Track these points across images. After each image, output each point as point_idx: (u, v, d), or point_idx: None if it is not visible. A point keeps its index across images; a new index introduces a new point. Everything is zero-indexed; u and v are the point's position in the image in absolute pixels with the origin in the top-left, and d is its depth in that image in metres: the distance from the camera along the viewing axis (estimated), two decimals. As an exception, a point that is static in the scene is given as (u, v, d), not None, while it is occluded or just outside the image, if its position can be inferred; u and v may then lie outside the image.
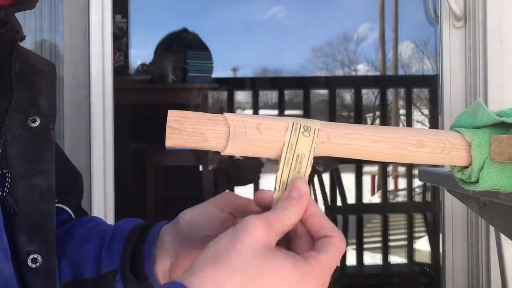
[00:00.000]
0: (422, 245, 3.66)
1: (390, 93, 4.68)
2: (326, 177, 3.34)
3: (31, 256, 0.63)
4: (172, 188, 2.99)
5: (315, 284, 0.48)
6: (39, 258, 0.63)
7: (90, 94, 1.52)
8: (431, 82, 3.07)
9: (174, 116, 0.53)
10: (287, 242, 0.52)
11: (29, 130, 0.65)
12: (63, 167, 0.79)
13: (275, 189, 0.53)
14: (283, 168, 0.53)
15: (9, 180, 0.63)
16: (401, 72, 5.29)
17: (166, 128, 0.52)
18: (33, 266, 0.63)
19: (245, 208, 0.61)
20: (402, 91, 4.15)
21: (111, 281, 0.70)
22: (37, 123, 0.66)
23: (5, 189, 0.62)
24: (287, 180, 0.53)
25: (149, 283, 0.45)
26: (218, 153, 0.55)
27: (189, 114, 0.53)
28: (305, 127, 0.53)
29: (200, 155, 2.89)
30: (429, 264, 3.29)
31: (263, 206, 0.54)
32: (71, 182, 0.80)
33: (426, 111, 4.58)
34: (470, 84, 1.64)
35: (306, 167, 0.53)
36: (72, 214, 0.79)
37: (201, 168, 2.92)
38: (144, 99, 3.02)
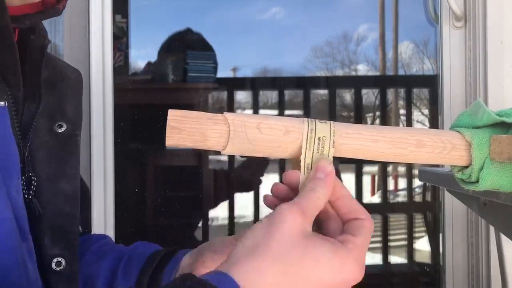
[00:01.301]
0: (422, 245, 3.66)
1: (390, 93, 4.68)
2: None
3: (55, 259, 0.64)
4: (172, 188, 2.99)
5: (355, 268, 0.48)
6: (63, 262, 0.64)
7: (90, 94, 1.52)
8: (431, 82, 3.07)
9: (174, 116, 0.53)
10: (317, 223, 0.53)
11: (56, 136, 0.67)
12: None
13: (301, 173, 0.54)
14: (305, 152, 0.53)
15: (35, 184, 0.64)
16: (401, 72, 5.29)
17: (166, 127, 0.52)
18: (57, 269, 0.64)
19: None
20: (402, 91, 4.15)
21: None
22: (63, 129, 0.67)
23: (31, 192, 0.63)
24: (312, 162, 0.54)
25: (188, 273, 0.44)
26: (218, 152, 0.55)
27: (189, 114, 0.53)
28: (320, 120, 0.55)
29: (200, 155, 2.89)
30: (429, 264, 3.29)
31: (291, 186, 0.54)
32: (81, 197, 0.81)
33: (426, 111, 4.58)
34: (470, 84, 1.64)
35: (329, 149, 0.54)
36: (80, 228, 0.79)
37: (201, 168, 2.92)
38: (145, 99, 3.02)
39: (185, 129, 0.53)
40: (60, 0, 0.68)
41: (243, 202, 3.17)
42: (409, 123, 3.62)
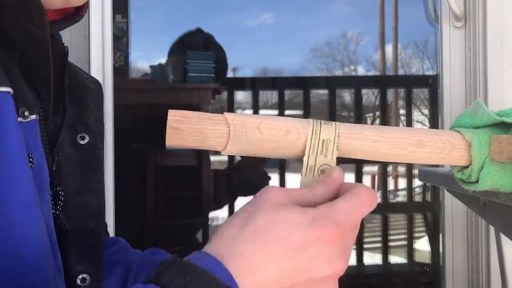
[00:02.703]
0: (422, 245, 3.66)
1: (390, 93, 4.68)
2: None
3: (81, 276, 0.63)
4: (172, 188, 2.99)
5: (328, 225, 0.47)
6: (88, 278, 0.63)
7: (90, 94, 1.52)
8: (431, 82, 3.07)
9: (174, 116, 0.53)
10: None
11: (79, 148, 0.65)
12: None
13: (302, 173, 0.54)
14: (309, 154, 0.53)
15: (62, 199, 0.63)
16: (401, 72, 5.29)
17: (166, 127, 0.52)
18: (82, 285, 0.63)
19: None
20: (402, 91, 4.15)
21: None
22: (86, 140, 0.66)
23: (58, 207, 0.62)
24: (315, 164, 0.53)
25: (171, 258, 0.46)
26: (218, 152, 0.55)
27: (189, 114, 0.53)
28: (325, 122, 0.54)
29: (200, 155, 2.89)
30: (429, 264, 3.29)
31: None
32: None
33: (426, 111, 4.58)
34: (470, 84, 1.64)
35: (332, 151, 0.54)
36: None
37: (201, 168, 2.92)
38: (145, 99, 3.02)
39: (185, 129, 0.53)
40: (81, 7, 0.67)
41: (243, 201, 3.16)
42: (409, 123, 3.63)
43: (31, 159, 0.53)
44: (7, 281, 0.49)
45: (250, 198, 0.52)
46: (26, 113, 0.55)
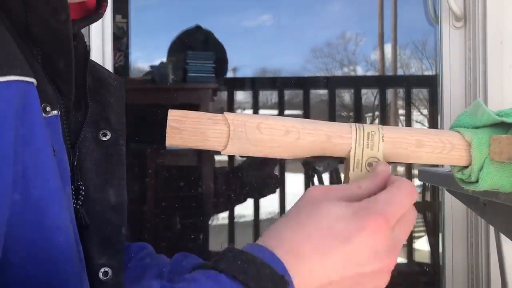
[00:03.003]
0: (422, 245, 3.66)
1: (390, 93, 4.68)
2: (326, 177, 3.34)
3: (103, 269, 0.64)
4: (172, 188, 2.99)
5: (372, 217, 0.47)
6: (110, 272, 0.64)
7: (90, 94, 1.52)
8: (431, 82, 3.07)
9: (174, 116, 0.53)
10: None
11: (101, 144, 0.66)
12: None
13: (350, 168, 0.54)
14: (355, 148, 0.53)
15: (83, 193, 0.63)
16: (400, 72, 5.29)
17: (167, 127, 0.53)
18: (104, 279, 0.64)
19: None
20: (402, 91, 4.15)
21: None
22: (108, 137, 0.67)
23: (79, 201, 0.63)
24: (362, 157, 0.54)
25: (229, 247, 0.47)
26: (218, 152, 0.55)
27: (189, 114, 0.54)
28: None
29: (201, 155, 2.89)
30: (429, 264, 3.29)
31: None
32: None
33: (425, 111, 4.59)
34: (470, 84, 1.64)
35: (378, 143, 0.54)
36: None
37: (201, 168, 2.92)
38: (145, 99, 3.02)
39: (185, 129, 0.53)
40: (100, 6, 0.68)
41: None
42: (408, 123, 3.63)
43: (54, 152, 0.54)
44: (39, 266, 0.50)
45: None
46: (48, 108, 0.56)
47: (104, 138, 0.67)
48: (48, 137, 0.52)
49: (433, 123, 3.39)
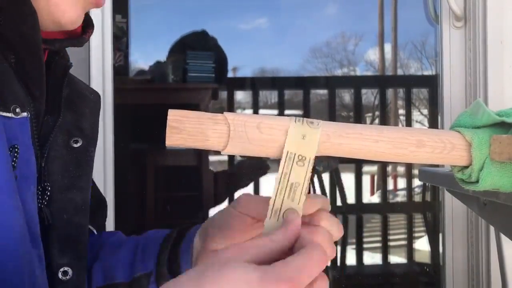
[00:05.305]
0: (422, 245, 3.66)
1: (390, 93, 4.68)
2: (326, 177, 3.35)
3: (62, 269, 0.65)
4: (172, 188, 2.99)
5: (280, 283, 0.44)
6: (70, 271, 0.65)
7: (90, 94, 1.52)
8: (431, 82, 3.07)
9: (174, 115, 0.53)
10: None
11: (71, 150, 0.70)
12: (93, 192, 0.83)
13: (267, 215, 0.52)
14: (275, 197, 0.51)
15: (48, 194, 0.66)
16: (399, 72, 5.29)
17: (167, 127, 0.52)
18: (63, 278, 0.65)
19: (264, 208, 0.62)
20: (401, 91, 4.15)
21: (144, 285, 0.73)
22: (79, 144, 0.70)
23: (44, 201, 0.65)
24: (281, 208, 0.52)
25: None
26: (218, 152, 0.55)
27: (189, 114, 0.53)
28: (299, 157, 0.52)
29: (200, 155, 2.89)
30: (429, 264, 3.29)
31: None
32: (97, 205, 0.85)
33: (425, 111, 4.59)
34: (470, 84, 1.64)
35: (300, 196, 0.52)
36: (95, 232, 0.84)
37: (201, 168, 2.92)
38: (145, 99, 3.02)
39: (185, 129, 0.53)
40: (86, 32, 0.73)
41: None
42: (408, 123, 3.63)
43: (16, 149, 0.57)
44: None
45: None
46: (18, 110, 0.60)
47: (75, 145, 0.70)
48: (2, 136, 0.56)
49: (433, 123, 3.39)
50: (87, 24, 0.73)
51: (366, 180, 5.26)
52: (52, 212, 0.65)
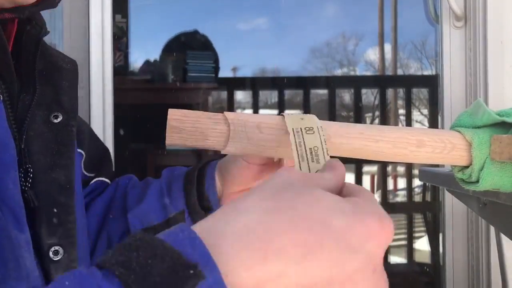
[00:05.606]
0: (422, 245, 3.66)
1: (390, 93, 4.68)
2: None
3: (53, 248, 0.65)
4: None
5: (375, 217, 0.37)
6: (60, 250, 0.65)
7: (90, 94, 1.52)
8: (431, 82, 3.07)
9: (174, 115, 0.53)
10: None
11: (52, 126, 0.67)
12: (94, 144, 0.86)
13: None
14: (299, 164, 0.47)
15: (31, 175, 0.64)
16: (399, 72, 5.29)
17: (167, 127, 0.52)
18: (55, 258, 0.65)
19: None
20: (401, 91, 4.15)
21: (180, 220, 0.76)
22: (59, 119, 0.68)
23: (27, 184, 0.64)
24: (309, 172, 0.48)
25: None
26: (218, 152, 0.55)
27: (189, 113, 0.53)
28: (306, 129, 0.49)
29: (200, 155, 2.89)
30: (429, 264, 3.29)
31: None
32: (102, 156, 0.87)
33: (425, 111, 4.59)
34: (470, 84, 1.64)
35: (324, 156, 0.48)
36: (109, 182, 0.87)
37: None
38: (145, 99, 3.02)
39: (185, 129, 0.53)
40: None
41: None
42: (408, 123, 3.63)
43: None
44: None
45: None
46: None
47: (55, 120, 0.68)
48: None
49: (433, 123, 3.39)
50: None
51: (366, 180, 5.25)
52: (36, 194, 0.64)
